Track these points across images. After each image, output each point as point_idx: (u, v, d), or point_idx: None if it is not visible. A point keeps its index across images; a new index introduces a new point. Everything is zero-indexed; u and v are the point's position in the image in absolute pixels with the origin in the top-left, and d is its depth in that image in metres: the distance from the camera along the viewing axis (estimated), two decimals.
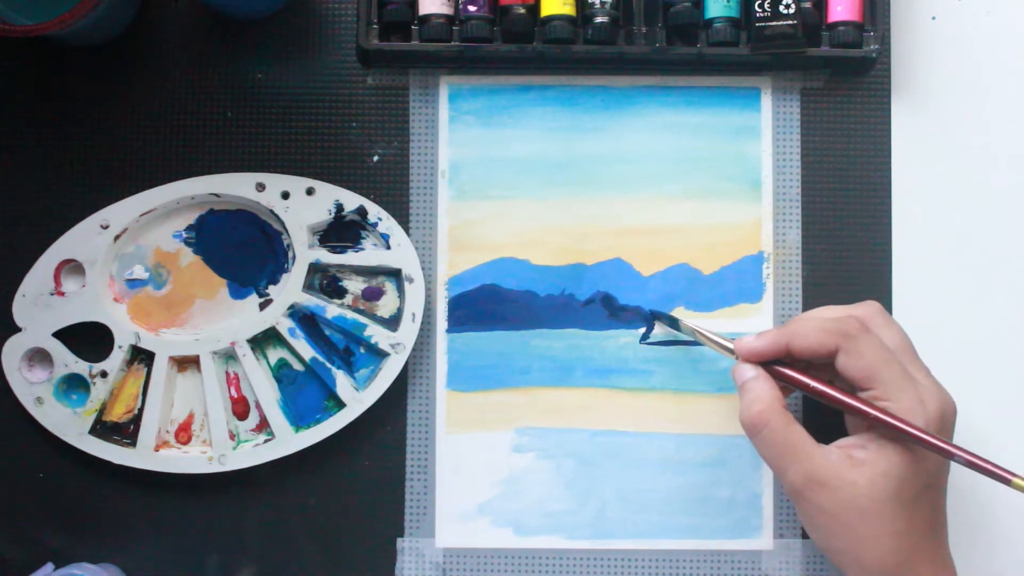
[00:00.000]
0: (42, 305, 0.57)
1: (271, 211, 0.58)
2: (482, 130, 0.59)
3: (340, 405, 0.57)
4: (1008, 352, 0.59)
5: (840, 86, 0.59)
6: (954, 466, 0.53)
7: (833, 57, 0.58)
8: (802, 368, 0.53)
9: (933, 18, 0.60)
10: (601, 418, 0.59)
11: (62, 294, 0.57)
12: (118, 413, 0.58)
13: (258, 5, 0.59)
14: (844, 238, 0.59)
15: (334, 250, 0.58)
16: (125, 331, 0.57)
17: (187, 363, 0.58)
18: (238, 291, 0.59)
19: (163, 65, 0.59)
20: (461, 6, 0.57)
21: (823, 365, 0.53)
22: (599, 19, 0.57)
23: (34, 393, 0.57)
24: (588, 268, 0.59)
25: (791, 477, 0.51)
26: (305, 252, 0.58)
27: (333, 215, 0.58)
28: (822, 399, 0.52)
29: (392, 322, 0.58)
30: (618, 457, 0.58)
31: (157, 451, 0.57)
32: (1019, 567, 0.58)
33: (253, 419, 0.58)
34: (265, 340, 0.58)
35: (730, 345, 0.54)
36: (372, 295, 0.59)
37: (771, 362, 0.53)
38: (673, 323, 0.57)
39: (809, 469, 0.50)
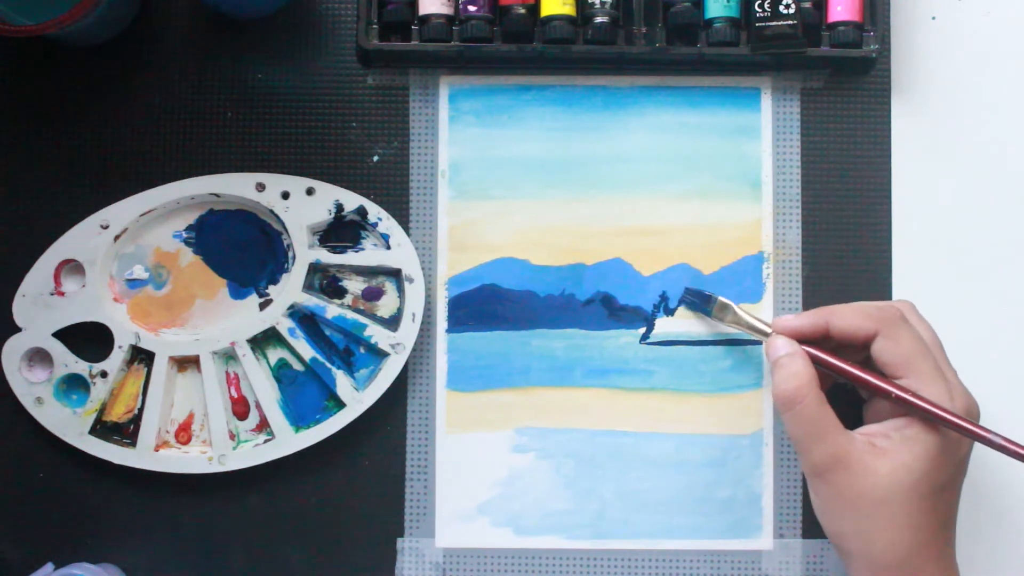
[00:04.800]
0: (42, 305, 0.57)
1: (271, 211, 0.58)
2: (482, 130, 0.59)
3: (340, 405, 0.57)
4: (1009, 351, 0.59)
5: (840, 86, 0.59)
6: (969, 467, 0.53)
7: (833, 57, 0.58)
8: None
9: (933, 18, 0.60)
10: (601, 418, 0.59)
11: (62, 294, 0.57)
12: (118, 413, 0.58)
13: (258, 5, 0.58)
14: (844, 238, 0.59)
15: (334, 250, 0.58)
16: (125, 331, 0.57)
17: (187, 363, 0.58)
18: (238, 291, 0.59)
19: (163, 65, 0.59)
20: (461, 6, 0.57)
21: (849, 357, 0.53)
22: (599, 19, 0.57)
23: (34, 393, 0.57)
24: (588, 268, 0.59)
25: (816, 456, 0.51)
26: (305, 252, 0.58)
27: (333, 215, 0.58)
28: (854, 382, 0.52)
29: (392, 322, 0.58)
30: (618, 457, 0.58)
31: (157, 451, 0.57)
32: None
33: (253, 419, 0.58)
34: (265, 340, 0.58)
35: (768, 329, 0.54)
36: (372, 295, 0.59)
37: (802, 344, 0.53)
38: (704, 303, 0.57)
39: (835, 451, 0.50)
